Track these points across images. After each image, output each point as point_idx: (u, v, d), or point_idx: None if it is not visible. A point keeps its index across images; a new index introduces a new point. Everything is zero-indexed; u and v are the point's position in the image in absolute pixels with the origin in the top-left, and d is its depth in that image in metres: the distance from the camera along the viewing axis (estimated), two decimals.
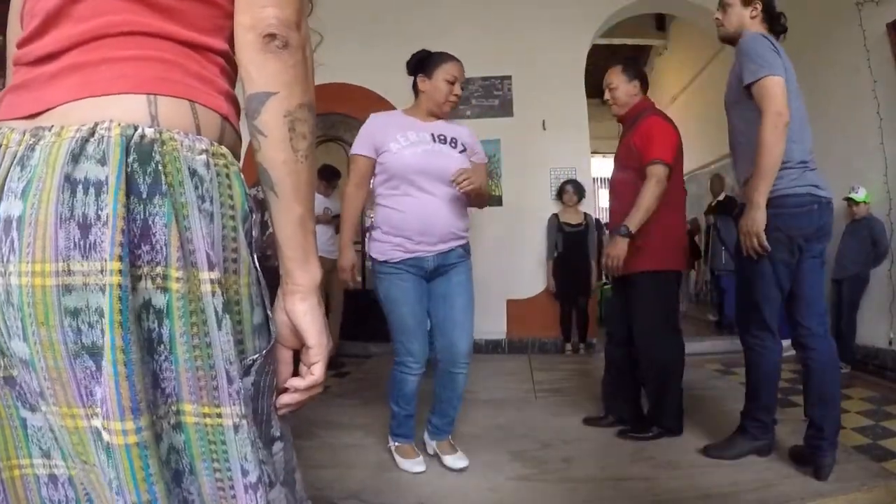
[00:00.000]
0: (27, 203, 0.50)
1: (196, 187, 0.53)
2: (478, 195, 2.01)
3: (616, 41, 6.78)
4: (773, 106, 1.80)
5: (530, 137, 4.67)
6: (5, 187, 0.51)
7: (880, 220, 3.67)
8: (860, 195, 3.65)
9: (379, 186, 2.07)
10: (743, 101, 1.94)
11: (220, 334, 0.53)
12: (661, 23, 7.69)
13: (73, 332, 0.50)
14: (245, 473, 0.54)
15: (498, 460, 2.21)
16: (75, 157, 0.50)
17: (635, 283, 2.34)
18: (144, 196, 0.50)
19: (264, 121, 0.56)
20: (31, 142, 0.52)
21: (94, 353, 0.50)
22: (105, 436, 0.49)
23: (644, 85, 2.53)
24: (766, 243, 1.85)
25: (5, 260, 0.50)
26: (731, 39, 2.08)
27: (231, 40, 0.59)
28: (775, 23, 2.04)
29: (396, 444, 2.19)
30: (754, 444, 2.08)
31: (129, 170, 0.50)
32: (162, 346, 0.52)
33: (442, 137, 2.06)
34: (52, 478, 0.57)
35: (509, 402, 3.10)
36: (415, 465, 2.12)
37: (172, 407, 0.53)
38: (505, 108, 4.72)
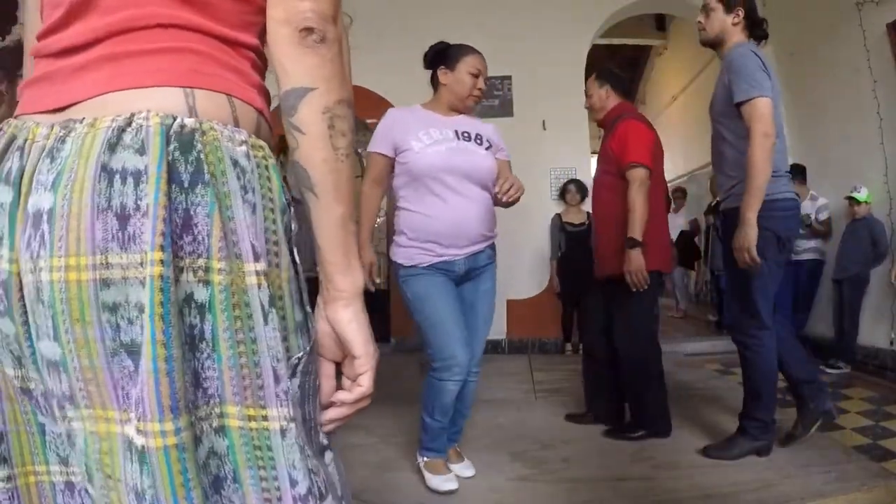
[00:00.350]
0: (58, 195, 0.47)
1: (238, 177, 0.51)
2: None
3: (616, 41, 6.78)
4: (762, 127, 1.90)
5: (530, 137, 4.66)
6: (34, 181, 0.49)
7: (880, 220, 3.67)
8: (862, 195, 3.65)
9: (401, 189, 1.93)
10: (730, 114, 2.02)
11: (267, 329, 0.50)
12: (661, 23, 7.69)
13: (111, 329, 0.47)
14: (294, 484, 0.51)
15: (498, 460, 2.21)
16: (112, 146, 0.48)
17: (614, 284, 2.36)
18: (186, 185, 0.48)
19: (302, 118, 0.53)
20: (61, 134, 0.50)
21: (133, 351, 0.47)
22: (139, 440, 0.46)
23: (620, 89, 2.54)
24: (757, 257, 1.94)
25: (35, 255, 0.48)
26: (712, 44, 2.14)
27: (262, 36, 0.57)
28: (757, 28, 2.09)
29: (426, 458, 1.99)
30: (754, 445, 2.09)
31: (169, 158, 0.48)
32: (204, 344, 0.49)
33: (466, 134, 1.94)
34: (69, 485, 0.55)
35: (509, 403, 3.10)
36: (446, 482, 1.92)
37: (215, 409, 0.50)
38: (505, 108, 4.71)
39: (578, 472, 2.11)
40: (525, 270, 4.69)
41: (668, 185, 7.87)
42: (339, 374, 0.61)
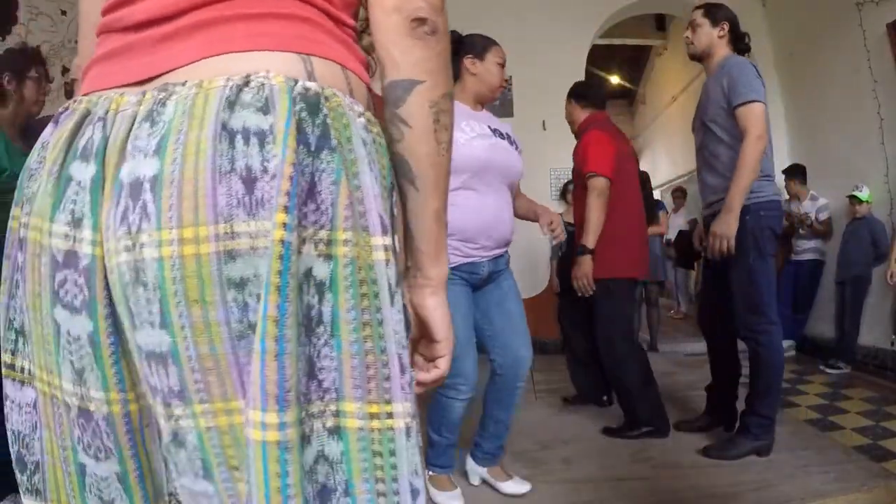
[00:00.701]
0: (165, 159, 0.41)
1: (364, 145, 0.47)
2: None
3: (616, 41, 6.78)
4: (757, 130, 2.01)
5: (530, 137, 4.65)
6: (127, 148, 0.43)
7: (880, 220, 3.67)
8: (864, 194, 3.66)
9: None
10: (725, 116, 2.11)
11: (393, 311, 0.45)
12: (661, 23, 7.68)
13: (238, 309, 0.41)
14: (415, 495, 0.46)
15: None
16: (231, 104, 0.43)
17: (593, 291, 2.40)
18: (313, 149, 0.44)
19: (409, 110, 0.52)
20: (160, 97, 0.44)
21: None
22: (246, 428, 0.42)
23: (585, 101, 2.62)
24: (733, 247, 2.04)
25: (135, 230, 0.42)
26: (699, 57, 2.26)
27: (356, 18, 0.55)
28: (740, 42, 2.22)
29: (431, 473, 1.90)
30: (755, 444, 2.09)
31: (297, 118, 0.43)
32: (322, 328, 0.43)
33: (499, 132, 1.88)
34: None
35: None
36: (451, 498, 1.85)
37: (331, 406, 0.44)
38: (505, 108, 4.72)
39: (578, 473, 2.11)
40: (525, 271, 4.68)
41: (668, 185, 7.87)
42: None
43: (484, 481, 1.99)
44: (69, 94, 3.63)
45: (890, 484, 1.85)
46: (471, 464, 2.00)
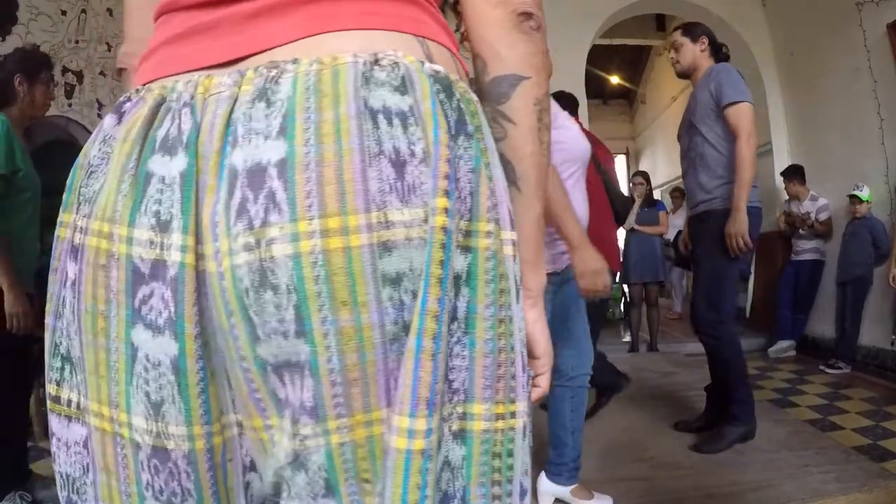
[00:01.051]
0: (295, 141, 0.36)
1: (492, 135, 0.44)
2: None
3: (616, 41, 6.77)
4: (747, 128, 2.10)
5: None
6: (238, 131, 0.38)
7: (881, 220, 3.67)
8: (864, 193, 3.66)
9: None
10: (714, 118, 2.19)
11: (518, 308, 0.42)
12: (661, 23, 7.68)
13: (393, 309, 0.37)
14: (523, 495, 0.43)
15: None
16: (367, 81, 0.38)
17: None
18: (452, 133, 0.40)
19: (515, 107, 0.49)
20: (271, 74, 0.39)
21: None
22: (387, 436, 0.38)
23: (560, 105, 2.68)
24: (750, 242, 2.10)
25: (258, 224, 0.36)
26: (686, 74, 2.39)
27: (442, 9, 0.53)
28: (719, 52, 2.36)
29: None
30: (740, 431, 2.16)
31: (438, 99, 0.40)
32: (455, 324, 0.39)
33: None
34: None
35: None
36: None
37: (458, 408, 0.40)
38: None
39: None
40: None
41: (668, 185, 7.87)
42: None
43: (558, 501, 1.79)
44: (68, 93, 3.63)
45: (890, 484, 1.85)
46: (546, 484, 1.78)
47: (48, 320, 0.44)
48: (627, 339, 4.81)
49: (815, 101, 4.31)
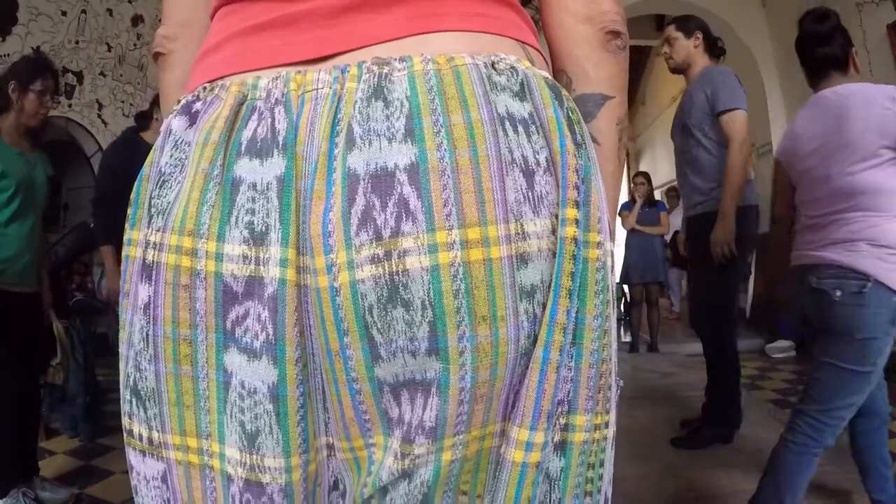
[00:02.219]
0: (425, 144, 0.34)
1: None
2: None
3: None
4: (741, 135, 2.11)
5: None
6: (354, 130, 0.35)
7: None
8: None
9: None
10: (707, 125, 2.20)
11: (614, 319, 0.41)
12: (661, 23, 7.69)
13: (528, 322, 0.36)
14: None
15: None
16: (493, 86, 0.37)
17: None
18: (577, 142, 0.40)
19: (599, 127, 0.48)
20: (383, 71, 0.36)
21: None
22: (503, 449, 0.37)
23: None
24: (735, 251, 2.11)
25: (387, 234, 0.34)
26: (680, 69, 2.36)
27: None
28: (714, 47, 2.34)
29: None
30: (721, 432, 2.22)
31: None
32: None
33: None
34: None
35: None
36: None
37: (561, 419, 0.38)
38: None
39: None
40: None
41: (667, 185, 7.89)
42: None
43: None
44: (68, 94, 3.63)
45: None
46: None
47: (121, 349, 0.41)
48: (628, 339, 4.81)
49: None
